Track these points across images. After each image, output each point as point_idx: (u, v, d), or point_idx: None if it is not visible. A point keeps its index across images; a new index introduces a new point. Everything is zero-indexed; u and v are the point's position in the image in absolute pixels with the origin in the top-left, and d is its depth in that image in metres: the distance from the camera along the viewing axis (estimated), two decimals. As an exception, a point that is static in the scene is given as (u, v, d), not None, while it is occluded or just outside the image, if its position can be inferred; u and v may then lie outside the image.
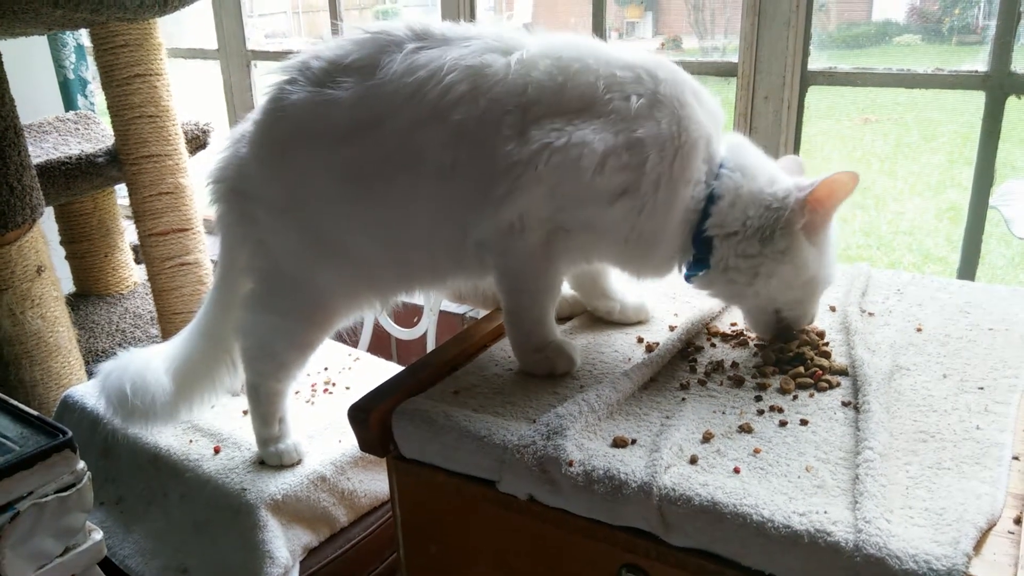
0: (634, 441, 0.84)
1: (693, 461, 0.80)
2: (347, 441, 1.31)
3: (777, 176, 0.96)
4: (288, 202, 1.04)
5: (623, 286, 1.13)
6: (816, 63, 1.62)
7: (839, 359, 0.98)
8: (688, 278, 1.00)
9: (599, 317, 1.14)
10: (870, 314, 1.09)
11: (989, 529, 0.70)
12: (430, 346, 1.81)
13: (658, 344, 1.04)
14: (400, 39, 0.96)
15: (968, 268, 1.57)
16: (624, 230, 0.94)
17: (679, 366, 1.00)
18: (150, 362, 1.20)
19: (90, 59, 2.68)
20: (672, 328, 1.08)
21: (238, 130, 1.10)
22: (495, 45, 0.94)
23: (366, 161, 0.96)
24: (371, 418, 0.92)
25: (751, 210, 0.93)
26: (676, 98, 0.91)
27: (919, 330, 1.04)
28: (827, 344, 1.01)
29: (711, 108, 0.96)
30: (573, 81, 0.92)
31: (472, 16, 2.08)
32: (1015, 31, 1.44)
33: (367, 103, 0.95)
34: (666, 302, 1.17)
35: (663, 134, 0.90)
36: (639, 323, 1.12)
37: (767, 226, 0.93)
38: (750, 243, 0.93)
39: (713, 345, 1.05)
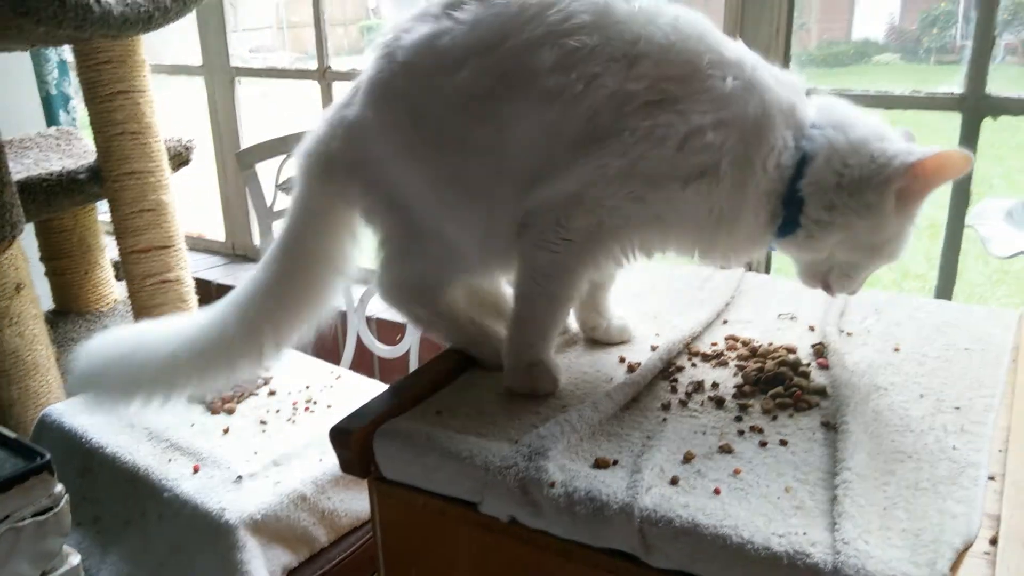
0: (616, 462, 0.85)
1: (674, 482, 0.81)
2: (328, 460, 1.31)
3: (888, 134, 0.93)
4: (410, 143, 0.99)
5: (616, 308, 1.13)
6: (796, 84, 1.64)
7: (818, 379, 0.99)
8: (779, 241, 0.98)
9: (582, 335, 1.14)
10: (848, 334, 1.10)
11: (965, 550, 0.71)
12: (413, 364, 1.80)
13: (640, 364, 1.04)
14: None
15: (945, 287, 1.59)
16: (699, 215, 0.93)
17: (660, 386, 1.00)
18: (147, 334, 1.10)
19: (73, 74, 2.67)
20: (654, 348, 1.09)
21: (331, 110, 1.06)
22: None
23: (482, 83, 0.94)
24: (352, 440, 0.92)
25: (851, 159, 0.91)
26: (763, 83, 0.92)
27: (897, 350, 1.05)
28: (807, 364, 1.02)
29: (790, 80, 0.96)
30: (683, 45, 0.92)
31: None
32: (990, 54, 1.47)
33: (487, 23, 0.94)
34: (648, 322, 1.18)
35: (748, 116, 0.90)
36: (621, 343, 1.13)
37: (865, 177, 0.90)
38: (838, 194, 0.91)
39: (694, 365, 1.05)
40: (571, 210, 0.93)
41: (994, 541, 0.72)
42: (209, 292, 2.52)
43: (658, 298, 1.26)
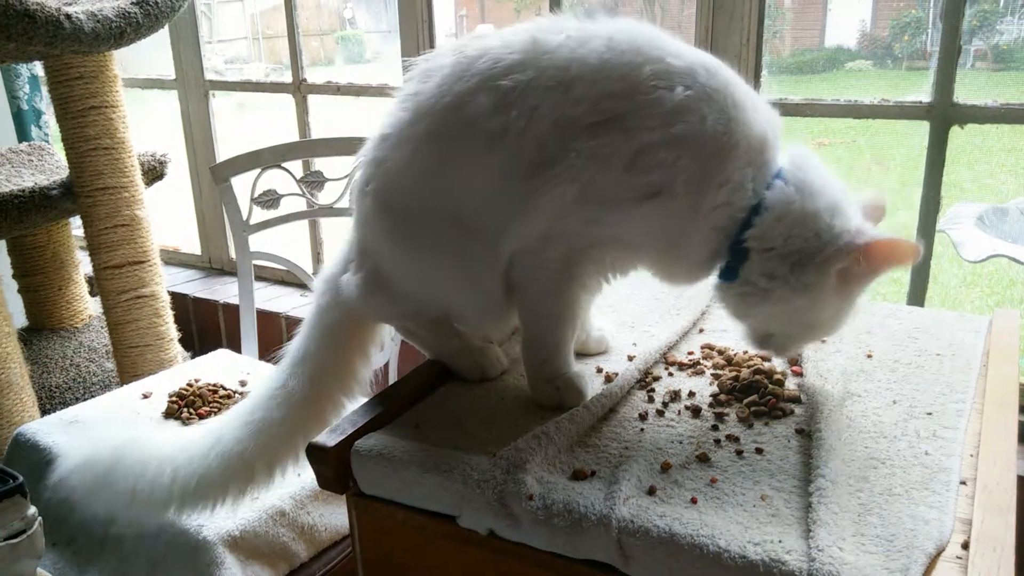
0: (594, 473, 0.85)
1: (651, 492, 0.81)
2: (306, 475, 1.29)
3: (842, 209, 0.88)
4: (397, 240, 1.00)
5: (597, 320, 1.14)
6: (768, 92, 1.66)
7: (792, 386, 1.00)
8: (717, 286, 0.96)
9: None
10: (822, 341, 1.11)
11: (938, 555, 0.71)
12: (392, 376, 1.80)
13: (617, 374, 1.04)
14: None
15: (918, 292, 1.61)
16: (655, 235, 0.91)
17: (638, 396, 1.01)
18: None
19: (44, 89, 2.65)
20: (631, 358, 1.09)
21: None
22: (549, 27, 0.93)
23: (426, 152, 0.94)
24: (330, 455, 0.92)
25: (797, 229, 0.87)
26: (729, 96, 0.87)
27: (869, 356, 1.06)
28: (781, 372, 1.03)
29: (768, 113, 0.92)
30: (619, 60, 0.88)
31: (431, 41, 2.10)
32: (956, 63, 1.49)
33: (425, 93, 0.94)
34: (625, 331, 1.19)
35: (705, 132, 0.86)
36: (599, 354, 1.13)
37: (806, 252, 0.87)
38: (780, 265, 0.88)
39: (671, 374, 1.06)
40: (543, 245, 0.93)
41: (966, 546, 0.73)
42: (185, 306, 2.50)
43: (635, 307, 1.27)
